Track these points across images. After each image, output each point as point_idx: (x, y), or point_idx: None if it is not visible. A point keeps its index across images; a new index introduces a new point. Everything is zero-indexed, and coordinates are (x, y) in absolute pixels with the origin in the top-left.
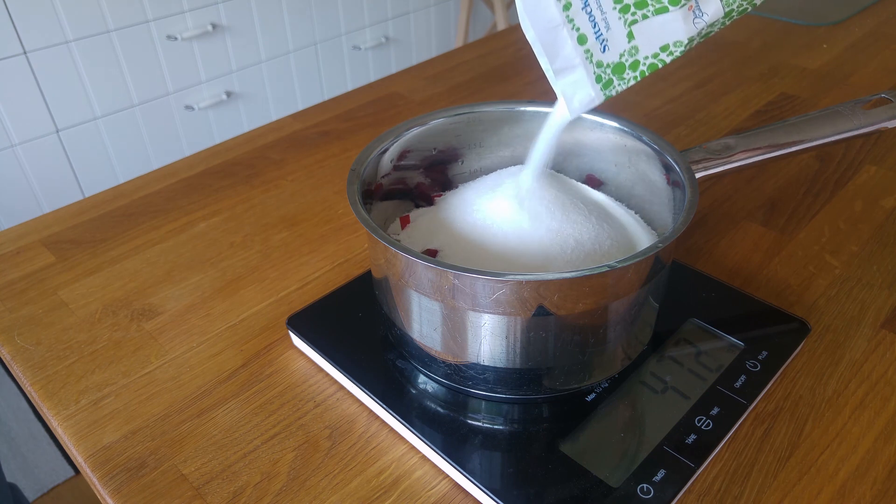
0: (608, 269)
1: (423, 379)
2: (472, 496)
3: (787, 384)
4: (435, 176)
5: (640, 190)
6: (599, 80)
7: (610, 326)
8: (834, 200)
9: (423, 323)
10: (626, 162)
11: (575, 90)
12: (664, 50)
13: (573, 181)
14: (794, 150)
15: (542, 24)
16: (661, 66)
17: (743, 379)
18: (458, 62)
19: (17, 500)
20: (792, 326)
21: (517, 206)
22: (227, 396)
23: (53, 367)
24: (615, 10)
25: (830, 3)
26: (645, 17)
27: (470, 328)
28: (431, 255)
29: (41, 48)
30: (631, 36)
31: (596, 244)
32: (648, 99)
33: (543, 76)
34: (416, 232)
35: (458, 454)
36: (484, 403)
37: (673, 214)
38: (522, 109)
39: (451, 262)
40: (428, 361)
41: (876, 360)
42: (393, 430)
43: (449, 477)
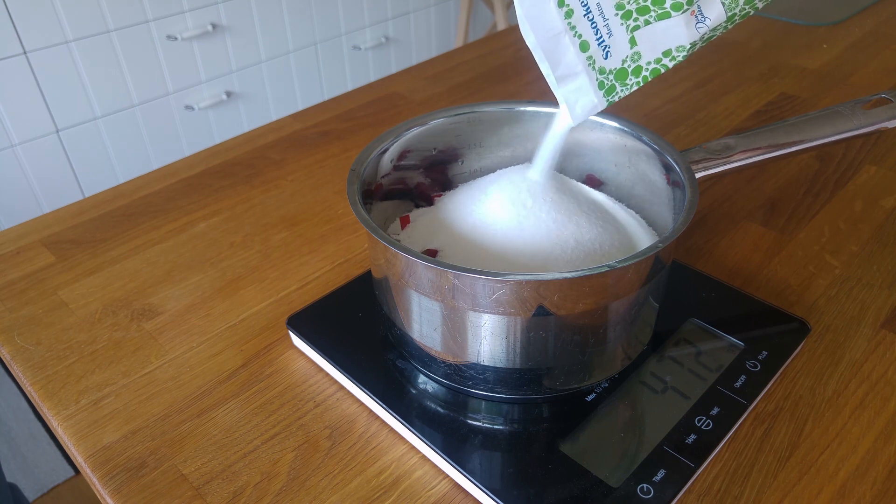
0: (608, 269)
1: (423, 379)
2: (472, 496)
3: (787, 384)
4: (435, 176)
5: (640, 190)
6: (602, 86)
7: (610, 326)
8: (834, 200)
9: (423, 323)
10: (626, 162)
11: (577, 97)
12: (667, 55)
13: (573, 181)
14: (794, 150)
15: (543, 31)
16: (663, 70)
17: (743, 379)
18: (458, 62)
19: (17, 500)
20: (792, 326)
21: (517, 206)
22: (227, 396)
23: (53, 367)
24: (617, 16)
25: (830, 3)
26: (647, 22)
27: (470, 328)
28: (431, 255)
29: (41, 48)
30: (633, 42)
31: (596, 244)
32: (648, 99)
33: (543, 76)
34: (416, 232)
35: (458, 454)
36: (484, 403)
37: (673, 214)
38: (522, 109)
39: (451, 262)
40: (428, 361)
41: (876, 360)
42: (393, 430)
43: (449, 477)
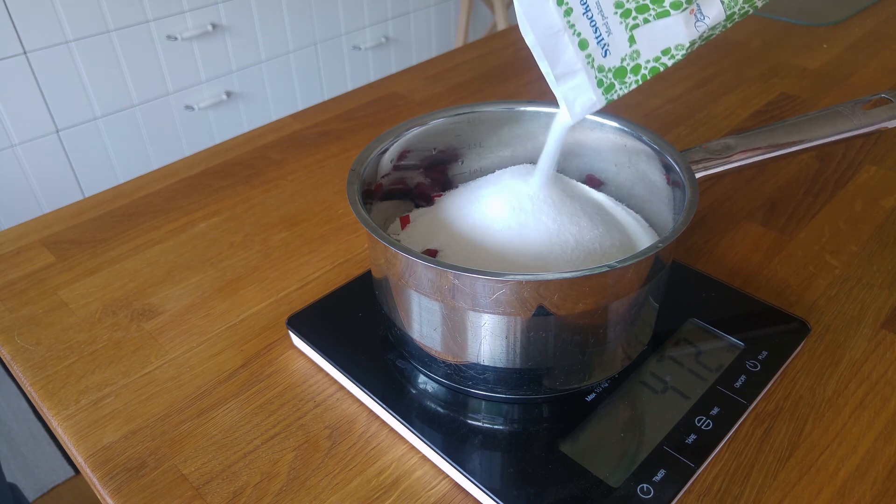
0: (608, 269)
1: (423, 379)
2: (472, 496)
3: (787, 384)
4: (435, 176)
5: (640, 190)
6: (601, 84)
7: (610, 326)
8: (834, 200)
9: (423, 323)
10: (626, 162)
11: (576, 95)
12: (666, 53)
13: (573, 181)
14: (794, 150)
15: (542, 29)
16: (662, 69)
17: (743, 379)
18: (458, 62)
19: (17, 500)
20: (792, 326)
21: (517, 206)
22: (227, 396)
23: (53, 367)
24: (616, 14)
25: (830, 3)
26: (646, 21)
27: (470, 328)
28: (431, 255)
29: (41, 48)
30: (632, 40)
31: (596, 244)
32: (648, 99)
33: (543, 76)
34: (416, 232)
35: (458, 454)
36: (484, 403)
37: (673, 214)
38: (522, 109)
39: (451, 262)
40: (428, 361)
41: (876, 360)
42: (393, 430)
43: (449, 477)
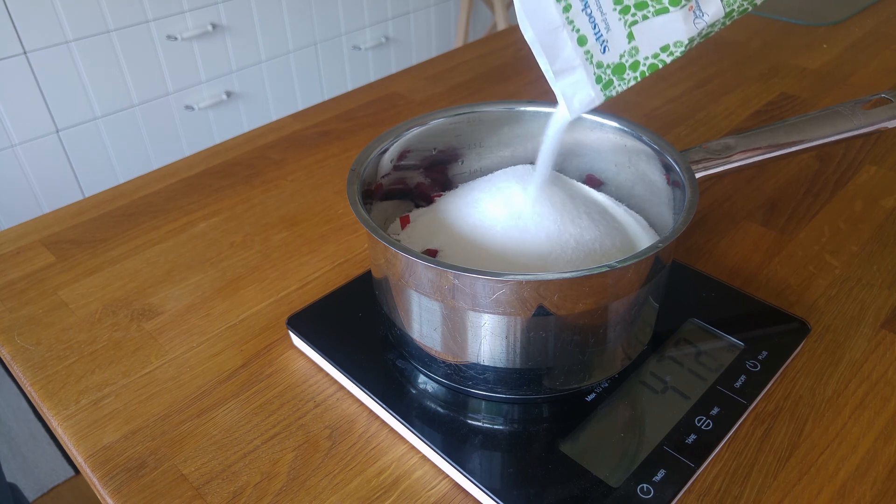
0: (608, 269)
1: (423, 379)
2: (472, 496)
3: (787, 384)
4: (435, 176)
5: (640, 190)
6: (599, 80)
7: (610, 326)
8: (834, 200)
9: (423, 323)
10: (626, 162)
11: (575, 91)
12: (664, 50)
13: (573, 181)
14: (794, 150)
15: (541, 25)
16: (661, 66)
17: (743, 379)
18: (458, 62)
19: (17, 500)
20: (792, 326)
21: (517, 206)
22: (227, 396)
23: (53, 367)
24: (615, 11)
25: (830, 3)
26: (645, 17)
27: (470, 328)
28: (431, 255)
29: (41, 48)
30: (631, 37)
31: (596, 244)
32: (648, 99)
33: (543, 76)
34: (416, 232)
35: (458, 454)
36: (484, 403)
37: (673, 214)
38: (522, 109)
39: (451, 262)
40: (428, 361)
41: (876, 360)
42: (393, 430)
43: (449, 477)
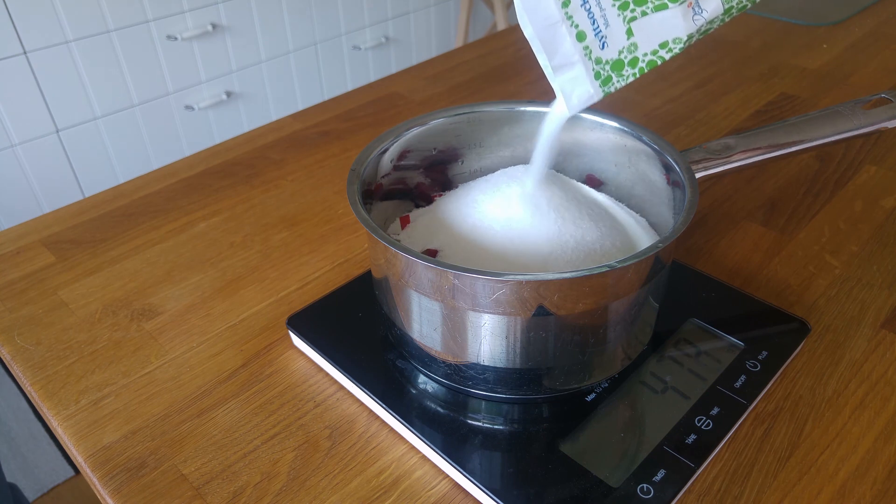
0: (608, 269)
1: (423, 379)
2: (472, 496)
3: (787, 384)
4: (435, 176)
5: (640, 190)
6: (598, 76)
7: (610, 326)
8: (834, 200)
9: (423, 323)
10: (626, 162)
11: (574, 87)
12: (663, 47)
13: (573, 181)
14: (794, 150)
15: (540, 20)
16: (659, 62)
17: (743, 379)
18: (458, 62)
19: (17, 500)
20: (792, 326)
21: (517, 206)
22: (227, 396)
23: (53, 367)
24: (614, 6)
25: (830, 3)
26: (644, 13)
27: (470, 328)
28: (431, 255)
29: (41, 48)
30: (630, 33)
31: (596, 244)
32: (648, 99)
33: (544, 76)
34: (416, 232)
35: (458, 454)
36: (484, 403)
37: (673, 214)
38: (522, 109)
39: (451, 262)
40: (428, 361)
41: (876, 360)
42: (393, 430)
43: (449, 477)
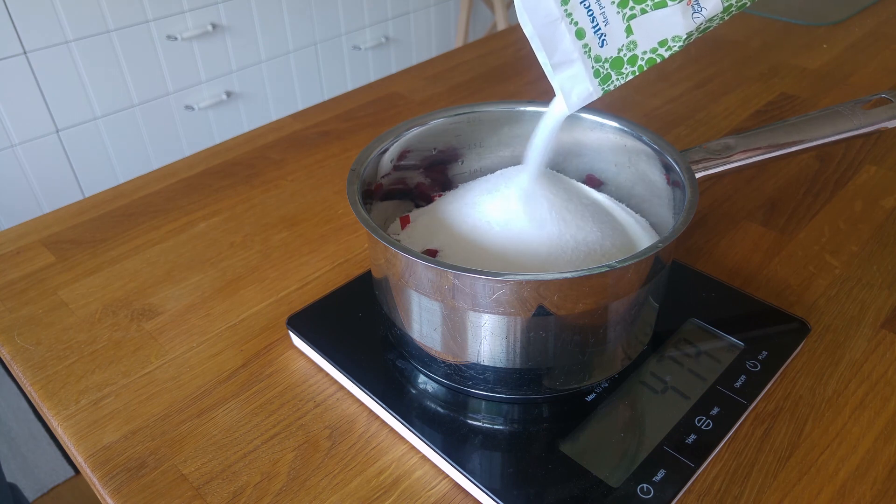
0: (608, 269)
1: (423, 379)
2: (472, 496)
3: (787, 384)
4: (435, 176)
5: (640, 190)
6: (598, 74)
7: (610, 326)
8: (834, 200)
9: (423, 323)
10: (626, 162)
11: (573, 84)
12: (662, 45)
13: (573, 181)
14: (794, 150)
15: (540, 18)
16: (659, 60)
17: (743, 379)
18: (458, 62)
19: (17, 500)
20: (792, 326)
21: (517, 206)
22: (227, 396)
23: (53, 367)
24: (613, 4)
25: (830, 3)
26: (644, 11)
27: (470, 328)
28: (431, 255)
29: (41, 48)
30: (629, 31)
31: (596, 244)
32: (648, 99)
33: (544, 76)
34: (416, 232)
35: (458, 454)
36: (484, 403)
37: (673, 214)
38: (522, 109)
39: (451, 262)
40: (428, 361)
41: (876, 360)
42: (393, 430)
43: (449, 477)
